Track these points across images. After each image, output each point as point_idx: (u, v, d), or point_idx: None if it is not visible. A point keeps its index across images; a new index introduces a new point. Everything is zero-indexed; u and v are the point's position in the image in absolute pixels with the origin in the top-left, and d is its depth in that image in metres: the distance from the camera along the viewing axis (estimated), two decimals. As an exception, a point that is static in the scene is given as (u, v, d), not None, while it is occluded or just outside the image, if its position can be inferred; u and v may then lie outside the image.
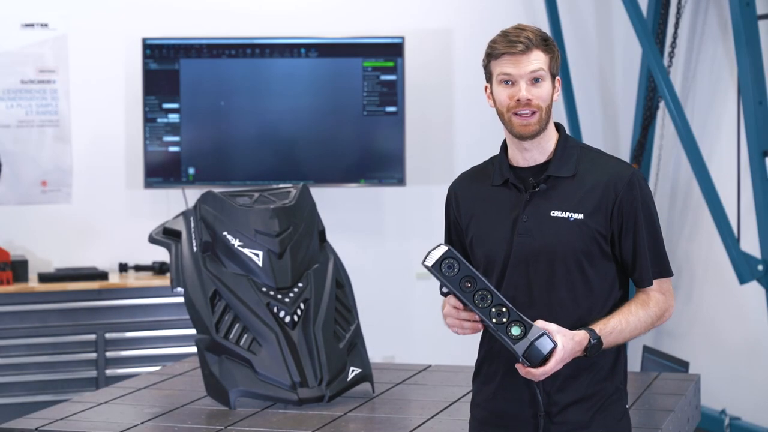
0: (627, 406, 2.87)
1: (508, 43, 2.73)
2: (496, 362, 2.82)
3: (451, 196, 2.93)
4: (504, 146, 2.86)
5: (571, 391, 2.76)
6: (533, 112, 2.74)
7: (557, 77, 2.79)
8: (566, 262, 2.74)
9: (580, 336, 2.67)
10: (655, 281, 2.80)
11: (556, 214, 2.76)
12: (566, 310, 2.74)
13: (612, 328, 2.71)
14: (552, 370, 2.63)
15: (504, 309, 2.63)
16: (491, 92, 2.79)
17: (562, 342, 2.63)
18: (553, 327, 2.64)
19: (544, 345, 2.61)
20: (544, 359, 2.62)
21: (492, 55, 2.76)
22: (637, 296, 2.81)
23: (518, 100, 2.73)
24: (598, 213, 2.75)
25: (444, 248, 2.65)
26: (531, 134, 2.75)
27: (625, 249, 2.78)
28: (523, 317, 2.63)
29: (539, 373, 2.63)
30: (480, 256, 2.79)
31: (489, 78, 2.80)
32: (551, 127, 2.81)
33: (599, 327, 2.71)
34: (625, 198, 2.76)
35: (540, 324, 2.64)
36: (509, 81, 2.74)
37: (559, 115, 6.59)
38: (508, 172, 2.82)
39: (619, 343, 2.76)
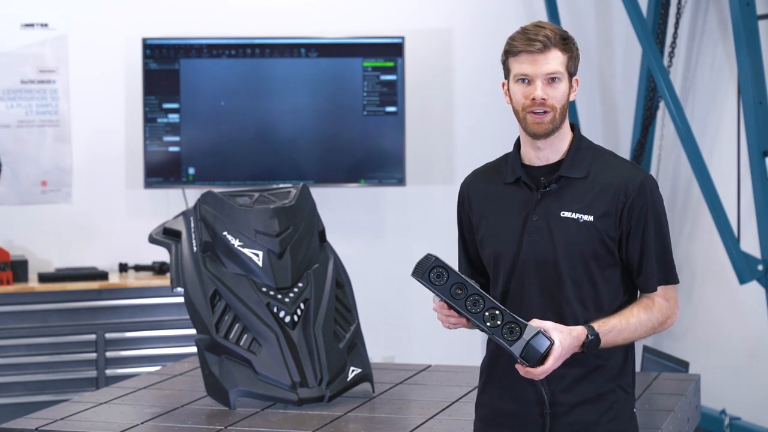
0: (634, 409, 2.86)
1: (526, 41, 2.72)
2: (501, 362, 2.81)
3: (463, 193, 2.92)
4: (517, 144, 2.85)
5: (579, 392, 2.76)
6: (546, 112, 2.72)
7: (575, 77, 2.78)
8: (574, 263, 2.74)
9: (578, 331, 2.67)
10: (660, 288, 2.78)
11: (566, 214, 2.75)
12: (573, 311, 2.74)
13: (611, 326, 2.71)
14: (552, 368, 2.63)
15: (497, 312, 2.63)
16: (508, 89, 2.79)
17: (560, 338, 2.63)
18: (548, 324, 2.64)
19: (541, 343, 2.61)
20: (542, 357, 2.61)
21: (510, 52, 2.75)
22: (641, 300, 2.80)
23: (533, 99, 2.72)
24: (607, 215, 2.74)
25: (431, 258, 2.66)
26: (543, 133, 2.74)
27: (631, 253, 2.76)
28: (517, 318, 2.63)
29: (539, 372, 2.62)
30: (489, 254, 2.78)
31: (507, 74, 2.79)
32: (566, 127, 2.80)
33: (598, 324, 2.70)
34: (636, 202, 2.74)
35: (535, 323, 2.63)
36: (526, 80, 2.73)
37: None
38: (520, 170, 2.81)
39: (618, 344, 2.75)
